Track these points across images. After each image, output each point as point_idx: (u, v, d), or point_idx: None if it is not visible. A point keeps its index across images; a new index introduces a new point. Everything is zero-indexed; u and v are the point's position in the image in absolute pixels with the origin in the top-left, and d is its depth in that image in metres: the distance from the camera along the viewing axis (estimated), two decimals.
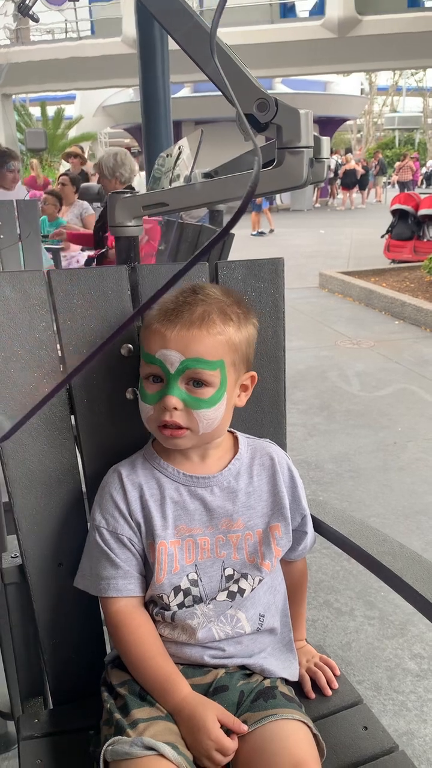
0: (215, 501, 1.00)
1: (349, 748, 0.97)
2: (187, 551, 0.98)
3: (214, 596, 0.98)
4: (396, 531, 2.60)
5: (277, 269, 1.17)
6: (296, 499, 1.07)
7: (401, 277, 7.74)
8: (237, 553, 1.00)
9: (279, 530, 1.03)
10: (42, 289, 1.04)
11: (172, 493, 1.00)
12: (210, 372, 0.93)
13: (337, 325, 6.06)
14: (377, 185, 22.90)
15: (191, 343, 0.92)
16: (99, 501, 1.01)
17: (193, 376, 0.93)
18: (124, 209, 1.07)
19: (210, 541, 1.00)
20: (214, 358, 0.93)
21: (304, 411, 3.93)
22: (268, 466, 1.06)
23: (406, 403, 4.06)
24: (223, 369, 0.94)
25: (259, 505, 1.03)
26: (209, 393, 0.94)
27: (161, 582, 0.97)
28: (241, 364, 0.99)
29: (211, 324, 0.93)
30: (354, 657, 1.97)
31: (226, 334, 0.94)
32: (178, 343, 0.92)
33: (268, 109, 0.95)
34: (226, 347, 0.94)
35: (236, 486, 1.02)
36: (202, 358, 0.92)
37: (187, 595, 0.98)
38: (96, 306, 1.07)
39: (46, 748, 1.00)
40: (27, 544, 1.06)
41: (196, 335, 0.92)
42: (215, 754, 0.87)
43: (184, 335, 0.92)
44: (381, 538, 1.05)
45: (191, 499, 1.00)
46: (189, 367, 0.92)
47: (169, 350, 0.93)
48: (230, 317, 0.96)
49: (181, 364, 0.92)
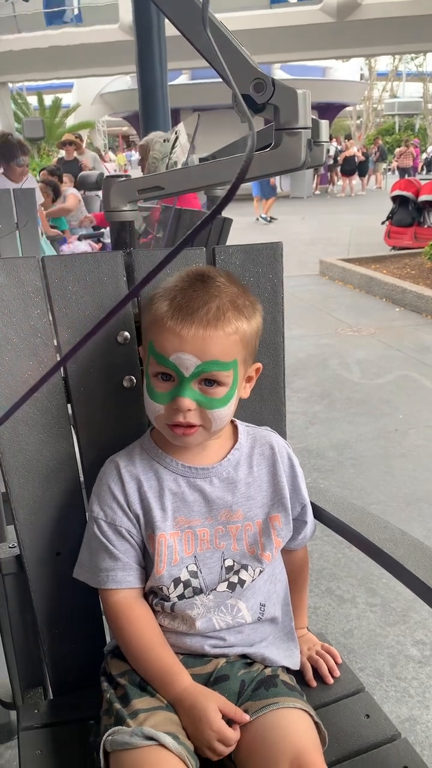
0: (214, 492, 0.99)
1: (351, 737, 0.96)
2: (187, 543, 0.97)
3: (214, 587, 0.97)
4: (397, 518, 2.60)
5: (276, 254, 1.15)
6: (296, 488, 1.06)
7: (402, 263, 7.71)
8: (237, 544, 0.99)
9: (279, 521, 1.02)
10: (36, 276, 1.03)
11: (170, 485, 0.98)
12: (225, 373, 0.91)
13: (337, 313, 6.04)
14: (377, 172, 22.77)
15: (207, 346, 0.89)
16: (97, 492, 1.00)
17: (208, 377, 0.91)
18: (119, 193, 1.05)
19: (209, 532, 0.99)
20: (229, 359, 0.91)
21: (304, 399, 3.92)
22: (268, 456, 1.04)
23: (407, 390, 4.05)
24: (236, 368, 0.92)
25: (258, 495, 1.02)
26: (222, 392, 0.91)
27: (161, 574, 0.96)
28: (249, 359, 0.97)
29: (226, 323, 0.89)
30: (356, 644, 1.97)
31: (240, 331, 0.91)
32: (194, 345, 0.88)
33: (264, 89, 0.93)
34: (240, 345, 0.92)
35: (236, 476, 1.01)
36: (218, 360, 0.90)
37: (187, 587, 0.97)
38: (91, 292, 1.05)
39: (45, 739, 1.00)
40: (24, 534, 1.05)
41: (212, 336, 0.88)
42: (217, 744, 0.86)
43: (200, 336, 0.88)
44: (382, 525, 1.04)
45: (190, 491, 0.99)
46: (205, 370, 0.90)
47: (185, 354, 0.89)
48: (242, 310, 0.92)
49: (197, 368, 0.89)
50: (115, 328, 1.05)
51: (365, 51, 22.45)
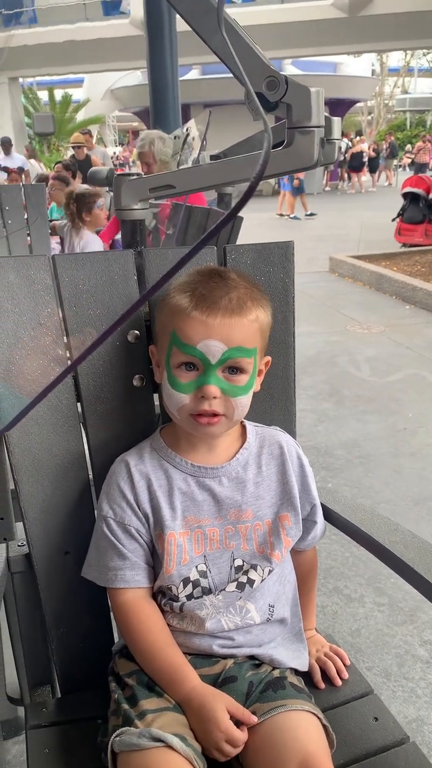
0: (224, 492, 0.99)
1: (360, 740, 0.96)
2: (196, 542, 0.97)
3: (224, 587, 0.97)
4: (406, 517, 2.59)
5: (287, 253, 1.14)
6: (306, 487, 1.06)
7: (412, 261, 7.66)
8: (246, 544, 0.99)
9: (288, 520, 1.02)
10: (47, 275, 1.02)
11: (180, 484, 0.98)
12: (248, 360, 0.94)
13: (347, 310, 6.01)
14: (388, 168, 22.63)
15: (233, 332, 0.91)
16: (106, 491, 1.00)
17: (233, 364, 0.93)
18: (131, 192, 1.05)
19: (219, 531, 0.98)
20: (251, 346, 0.94)
21: (313, 396, 3.90)
22: (277, 455, 1.04)
23: (416, 388, 4.02)
24: (256, 356, 0.96)
25: (268, 495, 1.02)
26: (244, 380, 0.94)
27: (170, 573, 0.96)
28: (263, 350, 0.99)
29: (247, 311, 0.93)
30: (363, 644, 1.96)
31: (260, 320, 0.95)
32: (221, 332, 0.91)
33: (277, 87, 0.92)
34: (259, 333, 0.96)
35: (245, 476, 1.01)
36: (242, 346, 0.92)
37: (196, 587, 0.96)
38: (102, 291, 1.05)
39: (53, 737, 1.00)
40: (34, 532, 1.06)
41: (237, 323, 0.91)
42: (225, 745, 0.86)
43: (226, 323, 0.91)
44: (392, 527, 1.04)
45: (199, 490, 0.99)
46: (231, 357, 0.92)
47: (213, 340, 0.91)
48: (259, 301, 0.96)
49: (224, 355, 0.91)
50: (126, 327, 1.05)
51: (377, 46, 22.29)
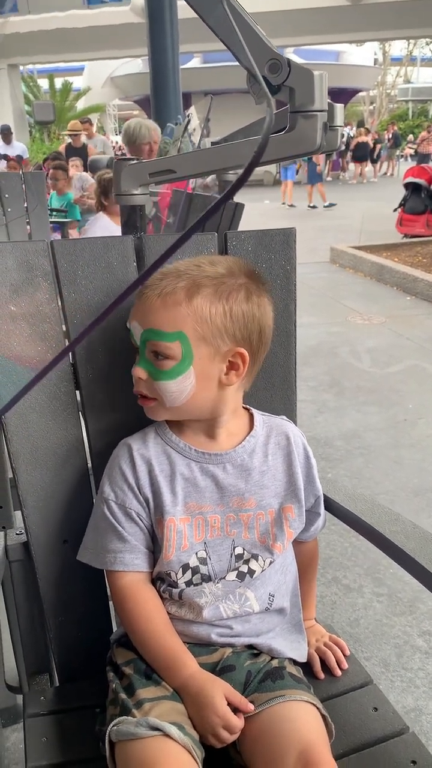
0: (227, 479, 0.98)
1: (359, 730, 0.95)
2: (197, 529, 0.96)
3: (224, 576, 0.97)
4: (406, 508, 2.58)
5: (289, 240, 1.13)
6: (311, 480, 1.05)
7: (414, 251, 7.63)
8: (248, 533, 0.98)
9: (292, 512, 1.01)
10: (45, 260, 1.01)
11: (182, 470, 0.97)
12: (166, 344, 0.90)
13: (348, 301, 5.99)
14: (391, 158, 22.51)
15: (147, 314, 0.91)
16: (108, 473, 0.99)
17: (152, 348, 0.92)
18: (130, 177, 1.03)
19: (220, 519, 0.98)
20: (171, 330, 0.90)
21: (313, 387, 3.89)
22: (284, 446, 1.03)
23: (417, 379, 4.01)
24: (184, 341, 0.90)
25: (272, 485, 1.01)
26: (169, 365, 0.91)
27: (169, 559, 0.95)
28: (218, 339, 0.91)
29: (169, 295, 0.90)
30: (362, 634, 1.97)
31: (192, 306, 0.89)
32: (137, 314, 0.93)
33: (280, 70, 0.91)
34: (188, 319, 0.90)
35: (250, 464, 1.00)
36: (157, 329, 0.90)
37: (196, 573, 0.96)
38: (101, 277, 1.03)
39: (51, 726, 1.00)
40: (32, 520, 1.05)
41: (152, 306, 0.91)
42: (221, 731, 0.86)
43: (145, 306, 0.92)
44: (393, 517, 1.03)
45: (202, 476, 0.98)
46: (148, 339, 0.92)
47: (133, 322, 0.94)
48: (204, 289, 0.90)
49: (142, 336, 0.92)
50: (124, 314, 1.04)
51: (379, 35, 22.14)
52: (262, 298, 0.95)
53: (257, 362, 0.98)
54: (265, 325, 0.96)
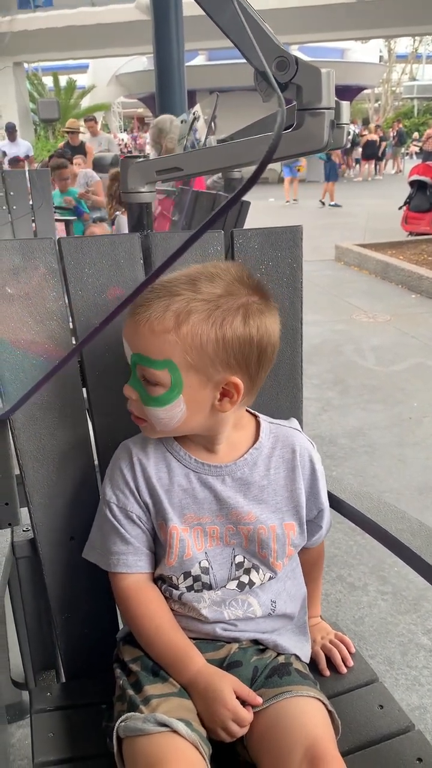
0: (225, 491, 0.96)
1: (364, 727, 0.95)
2: (196, 539, 0.96)
3: (224, 585, 0.97)
4: (411, 507, 2.58)
5: (295, 238, 1.13)
6: (315, 492, 1.03)
7: (419, 249, 7.61)
8: (248, 543, 0.98)
9: (294, 530, 1.00)
10: (52, 258, 1.01)
11: (181, 480, 0.96)
12: (155, 371, 0.86)
13: (352, 299, 5.98)
14: (396, 156, 22.45)
15: (136, 339, 0.88)
16: (110, 475, 0.99)
17: (141, 372, 0.89)
18: (137, 174, 1.03)
19: (219, 529, 0.97)
20: (158, 358, 0.86)
21: (318, 385, 3.89)
22: (288, 459, 1.00)
23: (422, 377, 4.01)
24: (173, 370, 0.86)
25: (272, 500, 0.99)
26: (159, 392, 0.87)
27: (172, 565, 0.95)
28: (210, 368, 0.86)
29: (158, 321, 0.85)
30: (367, 632, 1.97)
31: (181, 333, 0.84)
32: (127, 334, 0.90)
33: (287, 67, 0.91)
34: (177, 347, 0.85)
35: (250, 478, 0.98)
36: (144, 355, 0.87)
37: (197, 581, 0.96)
38: (108, 275, 1.03)
39: (58, 722, 1.00)
40: (38, 517, 1.05)
41: (140, 331, 0.86)
42: (231, 724, 0.86)
43: (132, 329, 0.88)
44: (399, 515, 1.03)
45: (201, 488, 0.96)
46: (137, 362, 0.89)
47: (124, 340, 0.91)
48: (195, 315, 0.84)
49: (131, 358, 0.90)
50: None
51: (385, 32, 22.09)
52: (263, 317, 0.88)
53: (257, 383, 0.93)
54: (266, 346, 0.89)
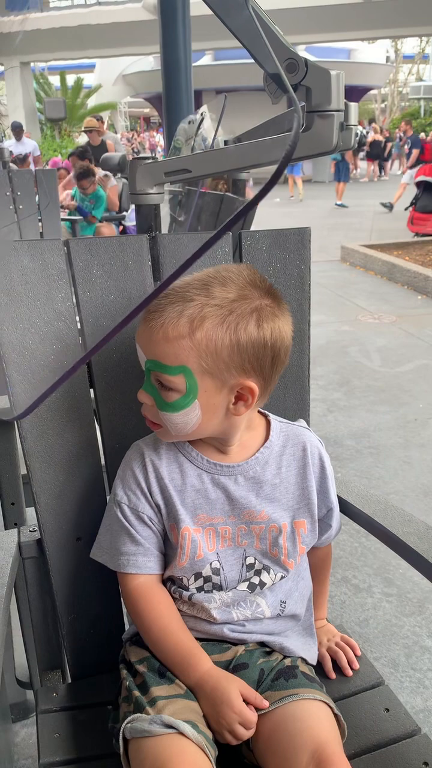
0: (238, 491, 0.97)
1: (370, 731, 0.95)
2: (208, 539, 0.96)
3: (235, 586, 0.97)
4: (416, 508, 2.57)
5: (303, 239, 1.13)
6: (324, 490, 1.03)
7: (425, 250, 7.59)
8: (260, 543, 0.98)
9: (305, 527, 1.00)
10: (61, 259, 1.01)
11: (193, 481, 0.96)
12: (170, 377, 0.86)
13: (358, 300, 5.97)
14: (402, 156, 22.37)
15: (150, 345, 0.87)
16: (121, 476, 0.99)
17: (156, 377, 0.89)
18: (146, 176, 1.03)
19: (231, 530, 0.97)
20: (173, 363, 0.85)
21: (323, 386, 3.89)
22: (299, 457, 1.01)
23: (428, 379, 4.00)
24: (188, 375, 0.86)
25: (284, 498, 0.99)
26: (174, 397, 0.87)
27: (183, 566, 0.95)
28: (225, 373, 0.86)
29: (172, 327, 0.84)
30: (371, 634, 1.96)
31: (195, 339, 0.84)
32: (141, 339, 0.90)
33: (297, 70, 0.91)
34: (192, 353, 0.85)
35: (262, 476, 0.98)
36: (159, 361, 0.87)
37: (207, 582, 0.96)
38: (116, 277, 1.04)
39: (64, 722, 1.00)
40: (46, 518, 1.05)
41: (154, 338, 0.86)
42: (238, 727, 0.86)
43: (145, 335, 0.88)
44: (406, 518, 1.03)
45: (213, 488, 0.97)
46: (151, 368, 0.89)
47: (138, 345, 0.91)
48: (209, 320, 0.84)
49: (146, 364, 0.90)
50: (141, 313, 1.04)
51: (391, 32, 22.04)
52: (276, 320, 0.88)
53: (271, 385, 0.93)
54: (280, 348, 0.90)
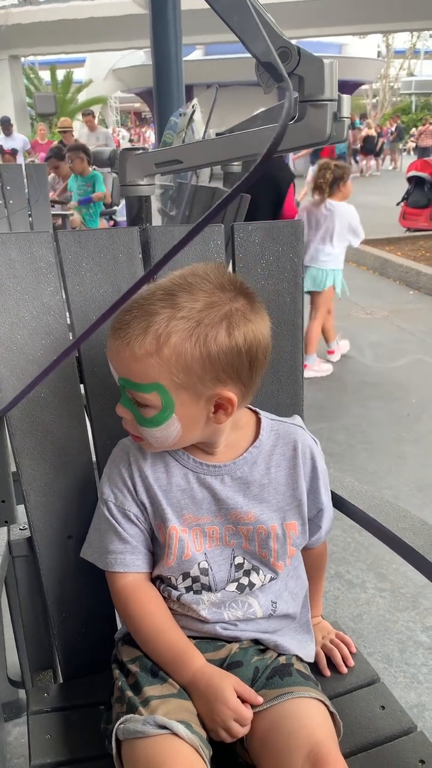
0: (224, 491, 0.95)
1: (366, 728, 0.94)
2: (195, 540, 0.95)
3: (224, 587, 0.95)
4: (409, 504, 2.57)
5: (297, 232, 1.11)
6: (314, 490, 1.00)
7: (417, 245, 7.61)
8: (248, 544, 0.96)
9: (296, 529, 0.98)
10: (49, 252, 1.00)
11: (179, 481, 0.95)
12: (143, 395, 0.84)
13: (350, 295, 5.96)
14: (394, 152, 22.41)
15: (119, 362, 0.86)
16: (108, 474, 0.98)
17: (131, 394, 0.87)
18: (136, 167, 1.01)
19: (219, 530, 0.95)
20: (145, 381, 0.84)
21: (315, 382, 3.88)
22: (290, 457, 0.98)
23: (420, 374, 4.00)
24: (162, 391, 0.83)
25: (273, 499, 0.97)
26: (151, 413, 0.86)
27: (170, 566, 0.94)
28: (199, 385, 0.84)
29: (139, 345, 0.82)
30: (365, 629, 1.96)
31: (163, 356, 0.81)
32: (112, 357, 0.87)
33: (290, 58, 0.89)
34: (162, 369, 0.82)
35: (250, 476, 0.96)
36: (131, 380, 0.85)
37: (196, 582, 0.95)
38: (106, 269, 1.02)
39: (55, 723, 0.99)
40: (36, 516, 1.04)
41: (122, 357, 0.84)
42: (233, 723, 0.85)
43: (114, 351, 0.86)
44: (401, 513, 1.01)
45: (200, 488, 0.95)
46: (124, 386, 0.87)
47: (111, 363, 0.88)
48: (175, 335, 0.81)
49: (119, 381, 0.88)
50: None
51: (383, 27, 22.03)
52: (248, 324, 0.84)
53: (252, 388, 0.90)
54: (257, 351, 0.86)
